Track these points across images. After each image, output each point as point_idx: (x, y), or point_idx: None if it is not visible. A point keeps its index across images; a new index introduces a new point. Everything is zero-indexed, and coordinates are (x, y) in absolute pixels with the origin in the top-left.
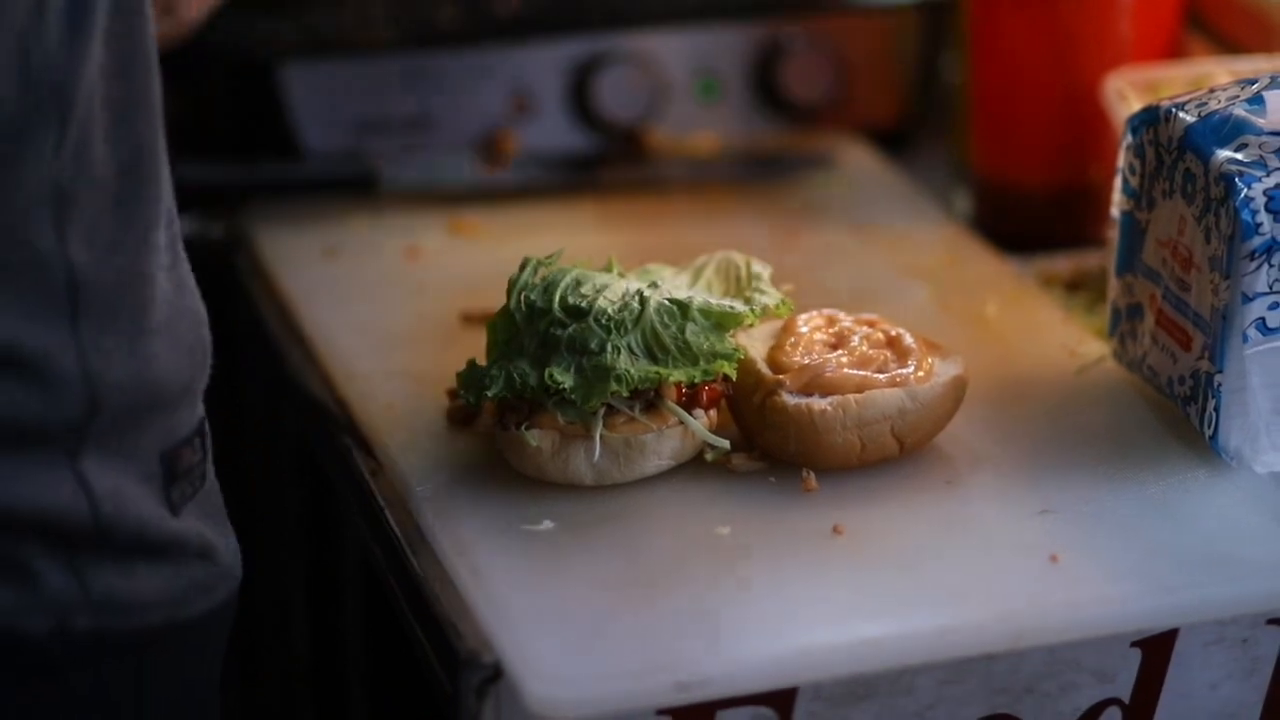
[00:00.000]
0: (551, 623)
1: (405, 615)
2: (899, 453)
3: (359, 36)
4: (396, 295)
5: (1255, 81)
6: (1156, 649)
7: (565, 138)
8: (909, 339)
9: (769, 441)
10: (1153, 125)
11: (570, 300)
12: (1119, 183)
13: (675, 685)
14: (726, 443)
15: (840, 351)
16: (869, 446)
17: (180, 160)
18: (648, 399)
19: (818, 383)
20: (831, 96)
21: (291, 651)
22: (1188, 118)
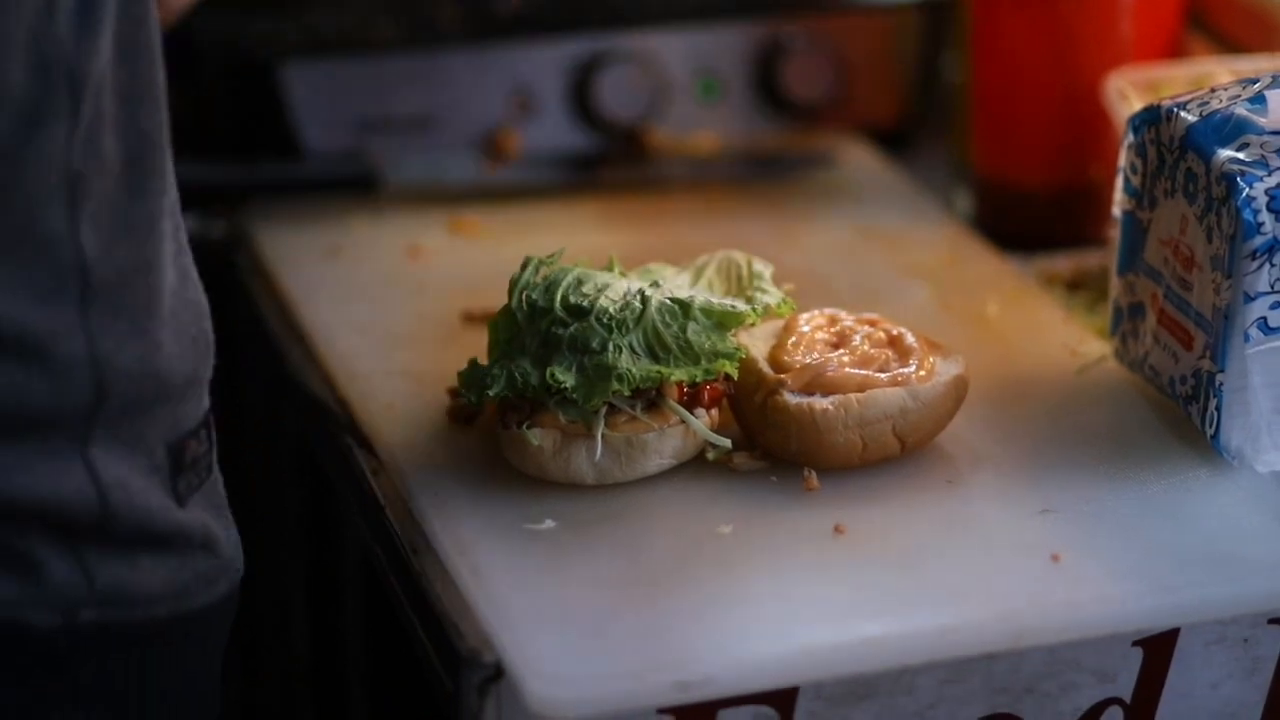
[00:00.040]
0: (553, 622)
1: (406, 614)
2: (900, 452)
3: (360, 36)
4: (397, 294)
5: (1257, 81)
6: (1157, 649)
7: (566, 137)
8: (910, 338)
9: (770, 441)
10: (1154, 124)
11: (572, 299)
12: (1120, 182)
13: (676, 684)
14: (728, 442)
15: (842, 351)
16: (870, 446)
17: (181, 160)
18: (649, 398)
19: (819, 382)
20: (832, 96)
21: (291, 651)
22: (1189, 117)
